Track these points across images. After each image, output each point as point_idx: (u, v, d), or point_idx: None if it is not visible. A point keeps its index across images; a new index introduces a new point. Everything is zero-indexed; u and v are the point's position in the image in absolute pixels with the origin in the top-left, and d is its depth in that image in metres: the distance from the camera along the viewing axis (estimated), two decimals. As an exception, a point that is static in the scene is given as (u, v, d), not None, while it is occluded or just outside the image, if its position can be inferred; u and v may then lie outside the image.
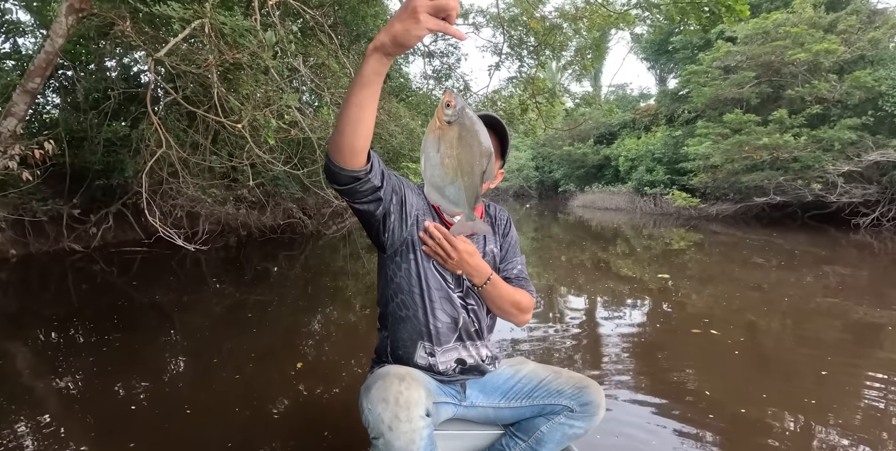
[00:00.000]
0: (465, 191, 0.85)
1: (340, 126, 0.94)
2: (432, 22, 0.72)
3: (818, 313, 4.07)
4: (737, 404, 2.35)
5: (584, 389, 1.24)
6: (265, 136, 3.77)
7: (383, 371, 1.06)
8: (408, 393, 0.97)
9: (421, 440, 0.96)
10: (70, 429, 2.07)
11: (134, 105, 7.03)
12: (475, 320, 1.29)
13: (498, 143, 1.21)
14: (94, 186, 6.96)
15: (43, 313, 4.03)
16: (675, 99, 16.69)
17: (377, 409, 0.96)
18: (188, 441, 1.99)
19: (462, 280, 1.26)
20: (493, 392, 1.32)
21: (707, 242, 9.18)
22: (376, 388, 0.99)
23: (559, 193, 25.20)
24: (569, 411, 1.23)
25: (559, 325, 3.73)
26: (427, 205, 1.25)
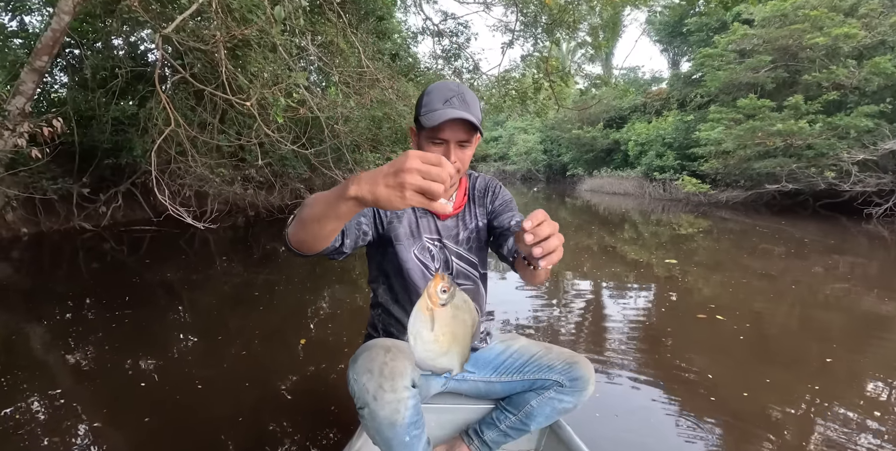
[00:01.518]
0: (459, 357, 0.86)
1: (302, 236, 0.86)
2: (416, 200, 0.68)
3: (826, 301, 4.05)
4: (739, 388, 2.36)
5: (575, 364, 1.25)
6: (274, 114, 3.75)
7: (370, 343, 1.07)
8: (393, 364, 0.98)
9: (406, 410, 0.98)
10: (84, 404, 2.12)
11: (142, 84, 7.00)
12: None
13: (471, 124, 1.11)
14: (103, 165, 6.99)
15: (55, 290, 4.09)
16: (688, 83, 16.37)
17: (362, 379, 0.97)
18: (200, 415, 2.03)
19: (450, 265, 1.25)
20: (485, 367, 1.34)
21: (716, 228, 9.12)
22: (362, 359, 1.00)
23: (567, 177, 25.01)
24: (559, 385, 1.26)
25: (564, 308, 3.74)
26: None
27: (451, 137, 1.09)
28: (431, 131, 1.09)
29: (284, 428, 1.94)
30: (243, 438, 1.86)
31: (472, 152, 1.15)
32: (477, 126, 1.09)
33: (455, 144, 1.10)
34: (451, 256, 1.26)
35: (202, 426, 1.95)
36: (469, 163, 1.19)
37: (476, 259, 1.30)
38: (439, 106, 1.08)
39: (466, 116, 1.05)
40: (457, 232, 1.26)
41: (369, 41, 6.28)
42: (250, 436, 1.88)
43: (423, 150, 1.10)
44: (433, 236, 1.24)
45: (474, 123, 1.08)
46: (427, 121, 1.07)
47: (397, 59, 8.54)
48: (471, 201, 1.30)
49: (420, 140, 1.15)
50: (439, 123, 1.05)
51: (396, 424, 0.97)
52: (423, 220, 1.24)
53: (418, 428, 1.03)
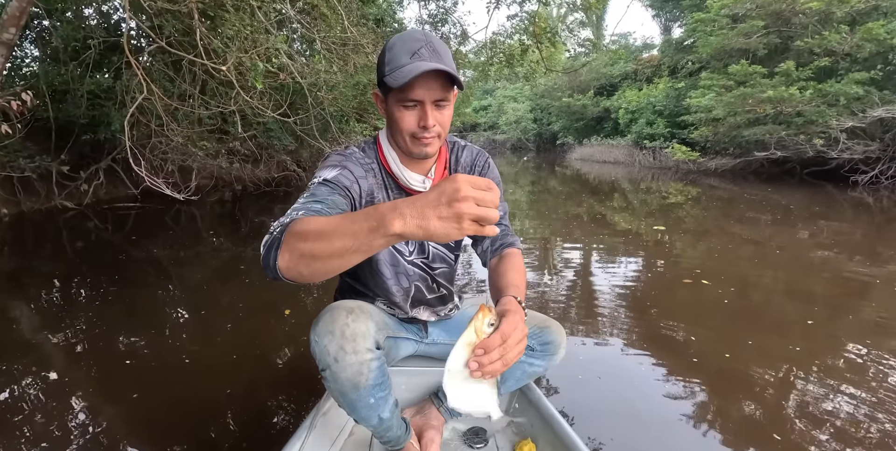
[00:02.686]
0: (494, 396, 0.83)
1: (312, 270, 0.70)
2: (473, 229, 0.59)
3: (809, 267, 4.11)
4: (722, 349, 2.41)
5: (546, 329, 1.24)
6: (252, 80, 3.62)
7: (333, 305, 1.02)
8: (354, 325, 0.94)
9: (370, 372, 0.95)
10: (73, 382, 2.11)
11: (116, 55, 6.72)
12: (438, 287, 1.27)
13: (447, 78, 0.95)
14: (81, 141, 6.79)
15: (41, 270, 4.03)
16: (680, 49, 16.13)
17: (323, 341, 0.93)
18: (189, 390, 2.04)
19: (426, 248, 1.20)
20: (456, 330, 1.33)
21: (704, 196, 9.17)
22: (323, 321, 0.96)
23: (557, 146, 24.89)
24: (529, 350, 1.23)
25: (553, 275, 3.77)
26: (375, 183, 1.08)
27: (425, 97, 0.94)
28: (401, 92, 0.94)
29: (274, 396, 1.96)
30: (234, 408, 1.88)
31: (451, 112, 1.01)
32: (454, 78, 0.93)
33: (431, 105, 0.95)
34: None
35: (193, 399, 1.97)
36: (450, 124, 1.03)
37: (454, 243, 1.23)
38: (406, 60, 0.91)
39: (440, 66, 0.90)
40: None
41: (353, 6, 6.05)
42: (241, 406, 1.89)
43: (393, 116, 0.99)
44: None
45: (451, 76, 0.92)
46: (394, 80, 0.90)
47: (382, 24, 8.27)
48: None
49: (388, 105, 1.00)
50: (409, 79, 0.89)
51: (360, 386, 0.95)
52: (395, 199, 1.11)
53: (384, 390, 1.01)
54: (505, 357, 0.75)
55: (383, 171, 1.11)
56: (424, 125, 0.97)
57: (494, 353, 0.74)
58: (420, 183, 1.09)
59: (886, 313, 2.93)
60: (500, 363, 0.74)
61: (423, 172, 1.11)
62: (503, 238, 1.19)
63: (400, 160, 1.08)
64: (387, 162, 1.09)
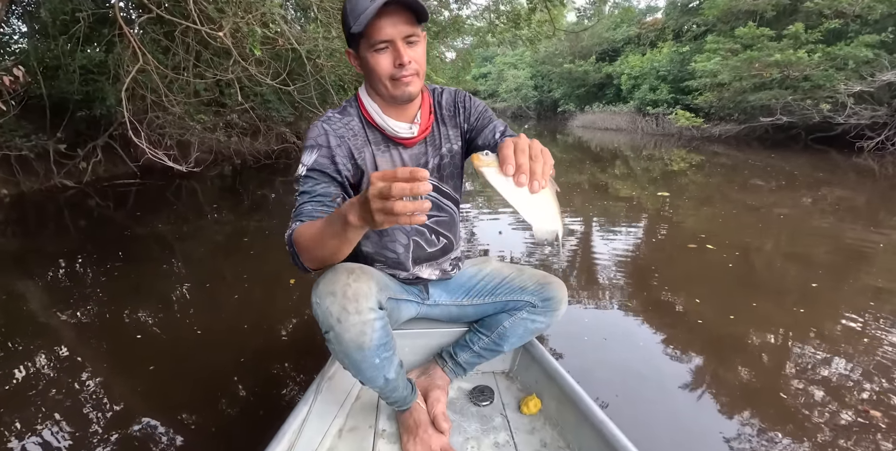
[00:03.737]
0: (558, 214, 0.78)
1: (325, 264, 0.94)
2: (390, 220, 0.67)
3: (813, 232, 4.11)
4: (726, 312, 2.44)
5: (547, 285, 1.25)
6: (250, 46, 3.52)
7: (333, 266, 1.00)
8: (356, 285, 0.94)
9: (373, 332, 0.95)
10: (88, 358, 2.15)
11: (106, 27, 6.55)
12: (437, 237, 1.23)
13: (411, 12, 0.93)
14: (76, 118, 6.69)
15: (45, 250, 4.05)
16: (685, 11, 15.67)
17: (325, 302, 0.93)
18: (203, 360, 2.08)
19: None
20: (457, 291, 1.34)
21: (708, 163, 9.08)
22: (324, 282, 0.95)
23: (558, 114, 24.53)
24: (531, 306, 1.25)
25: (555, 242, 3.77)
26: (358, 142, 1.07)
27: (393, 34, 0.92)
28: (369, 37, 0.92)
29: (283, 364, 2.00)
30: (245, 377, 1.92)
31: (423, 50, 0.99)
32: (419, 13, 0.92)
33: (402, 42, 0.93)
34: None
35: (206, 369, 2.01)
36: (426, 63, 1.02)
37: (450, 187, 1.21)
38: (366, 4, 0.89)
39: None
40: (425, 160, 1.14)
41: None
42: (252, 375, 1.93)
43: (368, 65, 0.97)
44: None
45: (415, 10, 0.91)
46: (359, 25, 0.89)
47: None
48: (439, 122, 1.15)
49: (362, 57, 0.98)
50: (372, 18, 0.88)
51: (364, 346, 0.95)
52: (384, 156, 1.10)
53: (388, 350, 1.01)
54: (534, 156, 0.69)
55: (367, 126, 1.09)
56: (401, 63, 0.95)
57: (518, 156, 0.67)
58: (407, 130, 1.08)
59: (888, 278, 2.95)
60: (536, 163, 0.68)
61: (408, 118, 1.09)
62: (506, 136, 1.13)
63: (383, 111, 1.07)
64: (370, 116, 1.08)
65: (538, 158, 0.68)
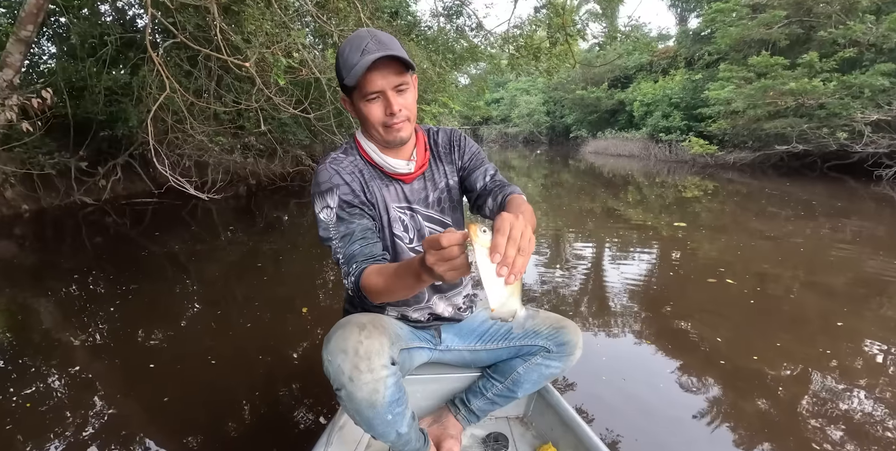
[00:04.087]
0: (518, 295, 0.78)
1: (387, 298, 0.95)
2: (455, 275, 0.73)
3: (834, 264, 4.01)
4: (749, 352, 2.36)
5: (562, 329, 1.22)
6: (274, 75, 3.59)
7: (345, 320, 1.01)
8: (368, 342, 0.93)
9: (386, 390, 0.93)
10: (98, 382, 2.13)
11: (132, 51, 6.76)
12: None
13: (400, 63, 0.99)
14: (99, 137, 6.86)
15: (61, 266, 4.09)
16: (697, 40, 15.81)
17: (337, 360, 0.92)
18: (218, 391, 2.03)
19: (423, 233, 1.17)
20: (469, 335, 1.31)
21: (723, 190, 9.01)
22: (335, 338, 0.94)
23: (570, 139, 24.65)
24: (545, 351, 1.22)
25: (571, 272, 3.72)
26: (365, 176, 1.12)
27: (383, 86, 0.98)
28: (361, 88, 0.98)
29: (297, 398, 1.95)
30: (259, 411, 1.88)
31: (414, 95, 1.04)
32: (406, 63, 0.97)
33: (392, 92, 0.99)
34: (423, 221, 1.17)
35: (219, 403, 1.96)
36: (416, 107, 1.08)
37: (450, 220, 1.21)
38: (357, 58, 0.95)
39: (387, 52, 0.94)
40: (426, 194, 1.17)
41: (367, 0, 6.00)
42: (266, 408, 1.89)
43: (361, 113, 1.03)
44: (401, 204, 1.15)
45: (402, 60, 0.96)
46: (351, 79, 0.95)
47: (397, 17, 8.21)
48: (435, 158, 1.20)
49: (355, 105, 1.04)
50: (363, 73, 0.94)
51: (376, 404, 0.93)
52: (388, 189, 1.13)
53: (401, 405, 1.00)
54: (522, 249, 0.69)
55: (367, 164, 1.13)
56: (391, 112, 1.00)
57: (509, 248, 0.68)
58: (404, 166, 1.12)
59: (918, 313, 2.85)
60: (521, 257, 0.68)
61: (405, 156, 1.13)
62: (502, 190, 1.16)
63: (380, 150, 1.11)
64: (369, 156, 1.12)
65: (524, 252, 0.69)
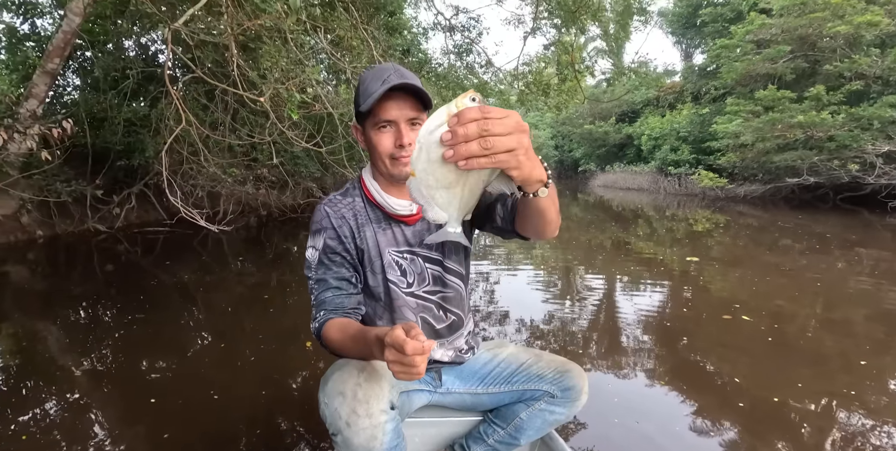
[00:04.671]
0: (461, 199, 0.66)
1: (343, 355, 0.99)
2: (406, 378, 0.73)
3: (852, 299, 3.90)
4: (769, 393, 2.26)
5: (566, 373, 1.17)
6: (288, 111, 3.69)
7: (343, 362, 0.98)
8: (367, 385, 0.90)
9: (384, 435, 0.89)
10: (101, 411, 2.08)
11: (153, 85, 7.02)
12: (445, 313, 1.18)
13: (417, 99, 0.98)
14: (115, 166, 7.02)
15: (71, 292, 4.10)
16: (703, 75, 16.11)
17: (333, 403, 0.89)
18: (219, 429, 1.96)
19: (425, 276, 1.14)
20: (471, 378, 1.26)
21: (734, 224, 8.93)
22: (333, 380, 0.92)
23: (579, 173, 24.85)
24: (549, 396, 1.18)
25: (582, 309, 3.65)
26: (359, 221, 1.11)
27: (398, 116, 0.97)
28: (375, 115, 0.98)
29: (297, 437, 1.89)
30: (258, 449, 1.81)
31: None
32: (425, 100, 0.97)
33: (405, 124, 0.98)
34: (426, 263, 1.14)
35: (219, 438, 1.90)
36: None
37: (454, 262, 1.17)
38: (377, 86, 0.95)
39: (408, 81, 0.94)
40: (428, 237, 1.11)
41: (380, 37, 6.21)
42: (263, 447, 1.83)
43: (371, 142, 1.02)
44: (401, 248, 1.11)
45: (421, 97, 0.96)
46: (367, 104, 0.95)
47: (409, 54, 8.47)
48: None
49: (366, 133, 1.03)
50: (380, 98, 0.94)
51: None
52: (385, 233, 1.10)
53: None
54: (487, 139, 0.56)
55: (369, 204, 1.11)
56: (401, 144, 0.98)
57: (472, 126, 0.56)
58: (406, 207, 1.09)
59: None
60: (478, 146, 0.56)
61: (408, 196, 1.08)
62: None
63: (384, 190, 1.09)
64: (371, 195, 1.10)
65: (490, 146, 0.57)
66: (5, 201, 6.01)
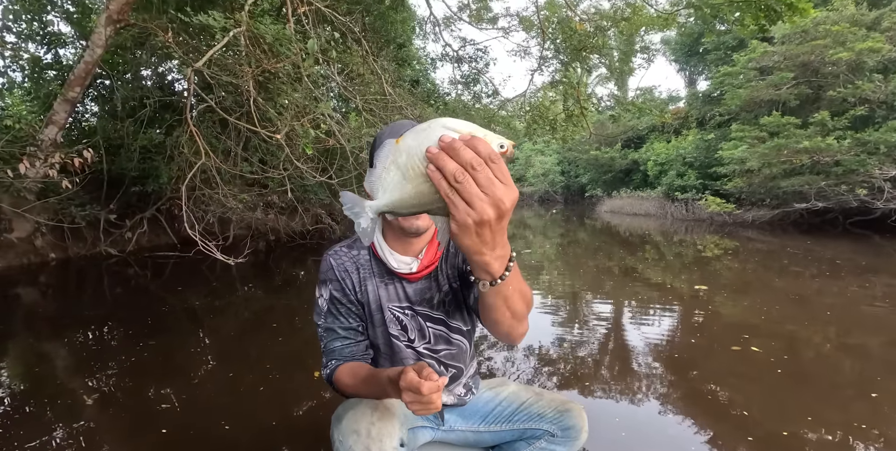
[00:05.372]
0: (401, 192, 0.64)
1: (355, 396, 1.05)
2: (425, 412, 0.81)
3: (865, 327, 3.85)
4: (778, 426, 2.22)
5: (566, 413, 1.19)
6: (303, 146, 3.78)
7: (355, 401, 1.02)
8: (380, 424, 0.93)
9: None
10: (106, 438, 2.09)
11: (168, 113, 7.23)
12: (447, 369, 1.22)
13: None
14: (129, 192, 7.17)
15: (81, 315, 4.15)
16: (707, 101, 16.27)
17: (348, 441, 0.92)
18: None
19: (425, 333, 1.17)
20: (473, 416, 1.29)
21: (742, 249, 8.87)
22: (347, 419, 0.95)
23: (586, 198, 24.88)
24: (550, 435, 1.19)
25: (584, 336, 3.63)
26: (362, 275, 1.14)
27: None
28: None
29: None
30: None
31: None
32: None
33: None
34: (426, 322, 1.16)
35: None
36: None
37: (458, 320, 1.20)
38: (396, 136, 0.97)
39: None
40: (430, 296, 1.15)
41: (390, 68, 6.39)
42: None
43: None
44: (401, 304, 1.15)
45: None
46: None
47: (418, 85, 8.68)
48: (444, 260, 1.16)
49: None
50: None
51: None
52: (388, 288, 1.14)
53: None
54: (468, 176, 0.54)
55: (374, 258, 1.15)
56: None
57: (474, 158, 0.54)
58: (406, 265, 1.11)
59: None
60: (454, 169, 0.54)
61: (413, 253, 1.13)
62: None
63: (389, 245, 1.12)
64: (376, 250, 1.13)
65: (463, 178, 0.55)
66: (20, 224, 6.14)
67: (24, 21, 7.18)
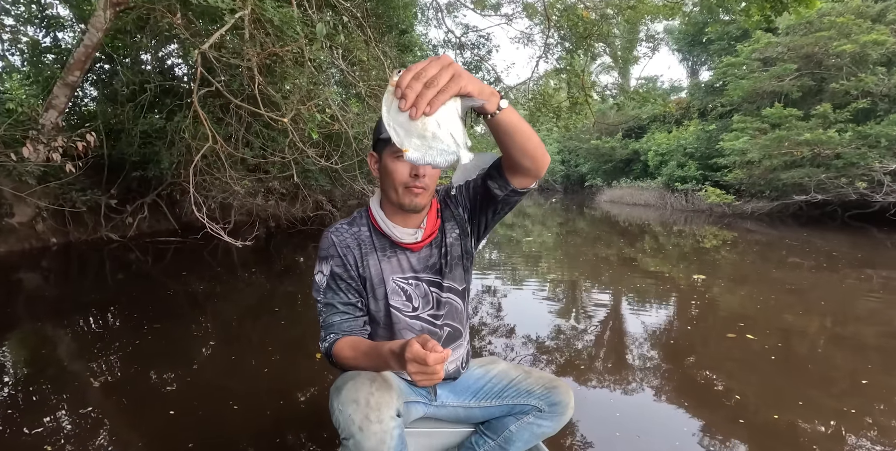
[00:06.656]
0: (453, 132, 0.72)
1: (353, 369, 1.08)
2: (427, 383, 0.84)
3: (859, 318, 3.91)
4: (770, 410, 2.28)
5: (554, 389, 1.24)
6: (308, 130, 3.79)
7: (353, 373, 1.06)
8: (379, 394, 0.97)
9: (392, 441, 0.96)
10: (110, 420, 2.13)
11: (169, 97, 7.19)
12: (443, 327, 1.27)
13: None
14: (130, 177, 7.16)
15: (82, 300, 4.18)
16: (709, 92, 16.21)
17: (348, 410, 0.96)
18: (241, 438, 2.00)
19: (430, 299, 1.22)
20: (464, 392, 1.33)
21: (741, 240, 8.92)
22: (347, 389, 0.99)
23: (585, 188, 24.88)
24: (537, 410, 1.24)
25: (582, 323, 3.68)
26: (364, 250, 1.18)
27: None
28: (392, 144, 0.96)
29: (312, 444, 1.93)
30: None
31: (438, 171, 1.08)
32: None
33: None
34: (430, 287, 1.22)
35: (242, 446, 1.94)
36: (436, 182, 1.13)
37: (456, 280, 1.25)
38: None
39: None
40: (433, 262, 1.22)
41: (392, 54, 6.36)
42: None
43: (386, 170, 1.09)
44: (405, 275, 1.20)
45: None
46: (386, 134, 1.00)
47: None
48: (444, 222, 1.23)
49: (382, 162, 1.10)
50: None
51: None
52: (390, 261, 1.19)
53: None
54: (431, 83, 0.66)
55: (375, 233, 1.19)
56: (416, 174, 1.06)
57: (414, 83, 0.65)
58: (410, 235, 1.16)
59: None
60: (430, 89, 0.65)
61: (414, 225, 1.18)
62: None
63: (390, 219, 1.16)
64: (377, 224, 1.18)
65: (435, 85, 0.66)
66: (22, 209, 6.15)
67: (22, 4, 7.10)
